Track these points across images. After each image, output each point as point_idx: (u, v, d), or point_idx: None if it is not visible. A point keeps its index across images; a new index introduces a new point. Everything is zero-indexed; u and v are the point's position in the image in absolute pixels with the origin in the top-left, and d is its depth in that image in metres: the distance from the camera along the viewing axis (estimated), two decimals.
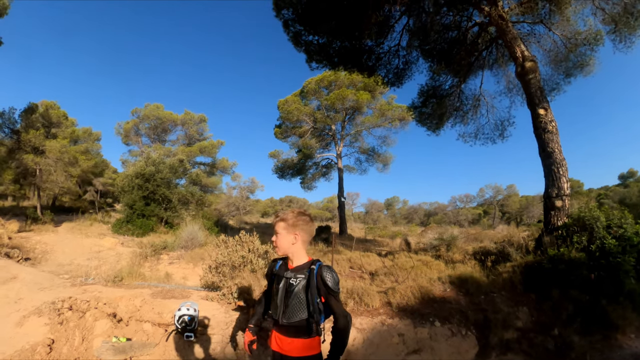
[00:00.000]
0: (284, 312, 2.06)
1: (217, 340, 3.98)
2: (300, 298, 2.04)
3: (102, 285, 5.50)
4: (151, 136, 25.08)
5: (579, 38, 9.08)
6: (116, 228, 13.05)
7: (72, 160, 16.90)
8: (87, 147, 21.07)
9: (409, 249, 12.67)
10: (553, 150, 6.62)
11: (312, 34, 9.03)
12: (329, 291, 2.02)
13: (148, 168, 14.78)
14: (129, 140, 24.80)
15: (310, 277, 2.06)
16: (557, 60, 9.66)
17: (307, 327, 2.03)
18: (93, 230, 12.33)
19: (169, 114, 24.87)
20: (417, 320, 4.65)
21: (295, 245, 2.16)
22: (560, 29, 9.06)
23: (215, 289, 5.61)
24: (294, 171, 23.32)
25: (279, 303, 2.09)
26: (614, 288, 4.99)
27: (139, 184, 14.40)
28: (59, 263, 7.86)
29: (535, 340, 4.42)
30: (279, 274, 2.18)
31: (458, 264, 7.14)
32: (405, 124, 20.54)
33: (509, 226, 23.52)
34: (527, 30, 9.44)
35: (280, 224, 2.16)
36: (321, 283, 2.02)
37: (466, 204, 43.55)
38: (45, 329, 3.74)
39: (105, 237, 11.16)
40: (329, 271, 2.05)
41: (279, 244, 2.15)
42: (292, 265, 2.16)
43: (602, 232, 5.46)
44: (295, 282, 2.07)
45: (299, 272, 2.10)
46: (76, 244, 9.93)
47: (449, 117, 11.21)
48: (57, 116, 18.46)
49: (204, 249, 10.30)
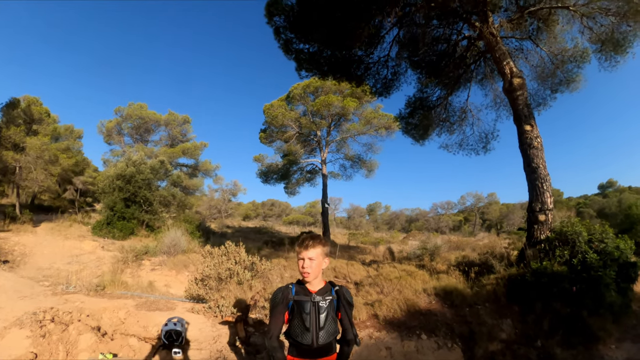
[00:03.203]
0: (318, 334, 2.13)
1: (206, 356, 3.91)
2: (331, 318, 2.18)
3: (84, 294, 5.34)
4: (134, 136, 24.51)
5: (565, 55, 9.36)
6: (96, 230, 12.69)
7: (52, 158, 16.37)
8: (68, 145, 20.44)
9: (393, 258, 12.80)
10: (538, 166, 6.80)
11: (303, 42, 9.01)
12: (350, 306, 2.27)
13: (129, 169, 14.44)
14: (111, 139, 24.17)
15: (336, 297, 2.23)
16: (544, 76, 9.94)
17: (333, 345, 2.23)
18: (73, 231, 11.95)
19: (153, 114, 24.39)
20: (404, 333, 4.70)
21: (321, 270, 2.26)
22: (548, 45, 9.34)
23: (200, 300, 5.52)
24: (278, 176, 23.14)
25: (310, 327, 2.13)
26: (595, 300, 5.15)
27: (120, 186, 14.06)
28: (38, 267, 7.59)
29: (519, 352, 4.53)
30: (301, 299, 2.18)
31: (442, 274, 7.24)
32: (391, 132, 20.65)
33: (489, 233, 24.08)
34: (515, 46, 9.68)
35: (317, 250, 2.19)
36: (346, 301, 2.23)
37: (447, 210, 44.28)
38: (28, 342, 3.60)
39: (85, 240, 10.84)
40: (347, 290, 2.29)
41: (312, 270, 2.17)
42: (314, 290, 2.21)
43: (583, 247, 5.64)
44: (325, 304, 2.17)
45: (325, 295, 2.21)
46: (56, 246, 9.61)
47: (434, 128, 11.37)
48: (39, 113, 17.87)
49: (187, 256, 10.12)
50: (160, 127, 25.34)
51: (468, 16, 8.34)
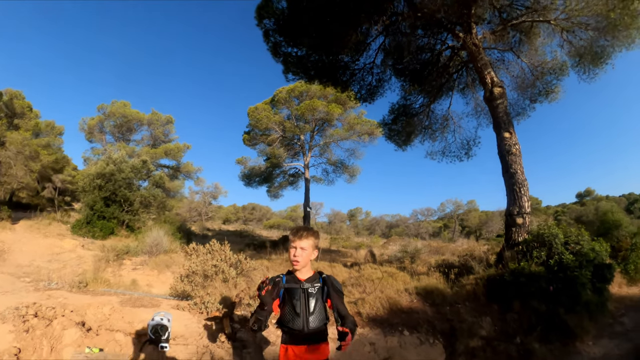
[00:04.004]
0: (308, 319, 2.24)
1: (192, 351, 3.94)
2: (320, 304, 2.30)
3: (66, 290, 5.26)
4: (115, 134, 24.03)
5: (545, 67, 9.82)
6: (76, 229, 12.39)
7: (33, 154, 15.88)
8: (48, 142, 19.83)
9: (374, 260, 12.98)
10: (516, 171, 7.12)
11: (291, 46, 9.18)
12: (339, 294, 2.36)
13: (109, 167, 14.17)
14: (92, 137, 23.62)
15: (323, 285, 2.34)
16: (523, 87, 10.38)
17: (325, 331, 2.33)
18: (52, 230, 11.64)
19: (136, 113, 23.99)
20: (386, 330, 4.84)
21: (309, 261, 2.38)
22: (529, 57, 9.77)
23: (185, 297, 5.51)
24: (260, 179, 23.15)
25: (301, 312, 2.25)
26: (571, 299, 5.41)
27: (100, 184, 13.78)
28: (17, 264, 7.39)
29: (499, 348, 4.73)
30: (292, 287, 2.30)
31: (423, 275, 7.43)
32: (374, 138, 20.98)
33: (468, 240, 24.62)
34: (497, 57, 10.10)
35: (309, 241, 2.33)
36: (333, 288, 2.34)
37: (427, 217, 44.72)
38: (10, 336, 3.55)
39: (65, 238, 10.59)
40: (334, 278, 2.40)
41: (302, 259, 2.31)
42: (303, 278, 2.34)
43: (560, 248, 5.92)
44: (314, 291, 2.30)
45: (314, 282, 2.33)
46: (35, 244, 9.36)
47: (417, 134, 11.70)
48: (21, 107, 17.39)
49: (169, 256, 10.01)
50: (143, 126, 24.96)
51: (452, 27, 8.67)
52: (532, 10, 8.50)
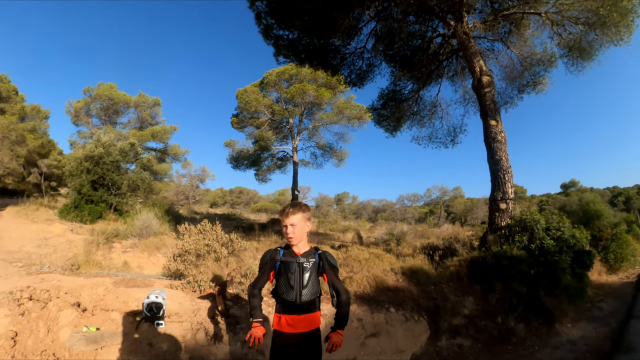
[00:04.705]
0: (301, 292, 2.37)
1: (187, 327, 4.07)
2: (313, 278, 2.42)
3: (59, 273, 5.29)
4: (102, 117, 23.58)
5: (534, 58, 9.98)
6: (64, 214, 12.26)
7: (19, 138, 15.53)
8: (34, 126, 19.41)
9: (361, 242, 13.27)
10: (500, 158, 7.34)
11: (283, 29, 9.13)
12: (334, 269, 2.49)
13: (97, 150, 13.97)
14: (78, 120, 23.12)
15: (319, 260, 2.46)
16: (512, 77, 10.55)
17: (316, 303, 2.47)
18: (40, 215, 11.50)
19: (123, 95, 23.52)
20: (373, 307, 5.04)
21: (305, 234, 2.48)
22: (518, 48, 9.90)
23: (178, 277, 5.62)
24: (249, 162, 23.10)
25: (294, 285, 2.37)
26: (552, 283, 5.70)
27: (88, 168, 13.60)
28: (7, 250, 7.34)
29: (481, 326, 4.99)
30: (287, 260, 2.43)
31: (408, 257, 7.68)
32: (363, 123, 21.06)
33: (454, 225, 25.13)
34: (487, 46, 10.22)
35: (298, 215, 2.41)
36: (328, 263, 2.46)
37: (413, 202, 45.37)
38: (6, 320, 3.60)
39: (53, 223, 10.50)
40: (330, 254, 2.51)
41: (295, 234, 2.40)
42: (300, 252, 2.45)
43: (541, 234, 6.18)
44: (309, 265, 2.41)
45: (309, 257, 2.45)
46: (24, 229, 9.26)
47: (406, 120, 11.83)
48: (7, 90, 16.91)
49: (159, 238, 10.06)
50: (130, 108, 24.54)
51: (444, 15, 8.72)
52: (524, 2, 8.58)
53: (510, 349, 4.78)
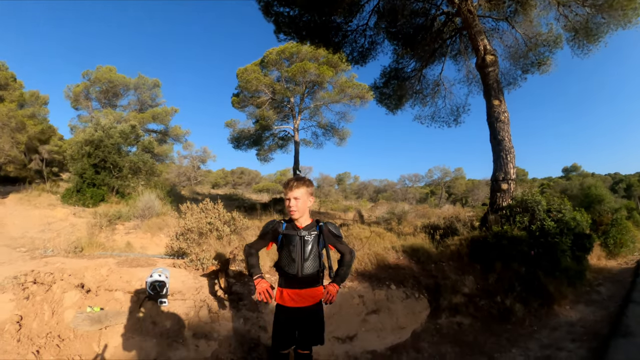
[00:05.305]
0: (303, 265, 2.38)
1: (190, 305, 4.12)
2: (315, 251, 2.42)
3: (62, 256, 5.36)
4: (102, 100, 23.41)
5: (539, 39, 9.73)
6: (66, 198, 12.32)
7: (19, 125, 15.44)
8: (34, 112, 19.30)
9: (362, 221, 13.34)
10: (503, 138, 7.26)
11: (283, 5, 8.93)
12: (337, 238, 2.52)
13: (97, 133, 13.92)
14: (78, 104, 22.97)
15: (320, 232, 2.45)
16: (516, 57, 10.33)
17: (318, 277, 2.47)
18: (42, 200, 11.57)
19: (122, 77, 23.28)
20: (374, 284, 5.08)
21: (307, 209, 2.48)
22: (523, 28, 9.66)
23: (180, 256, 5.68)
24: (250, 142, 22.93)
25: (296, 258, 2.39)
26: (551, 264, 5.70)
27: (89, 151, 13.58)
28: (11, 236, 7.39)
29: (480, 304, 5.04)
30: (289, 233, 2.43)
31: (409, 236, 7.70)
32: (365, 102, 20.80)
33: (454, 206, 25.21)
34: (492, 26, 9.96)
35: (302, 189, 2.42)
36: (330, 234, 2.48)
37: (415, 183, 45.21)
38: (11, 305, 3.64)
39: (56, 208, 10.56)
40: (331, 224, 2.54)
41: (298, 207, 2.40)
42: (302, 225, 2.46)
43: (542, 215, 6.16)
44: (310, 238, 2.42)
45: (311, 230, 2.45)
46: (27, 215, 9.33)
47: (408, 99, 11.67)
48: (5, 77, 16.72)
49: (162, 218, 10.12)
50: (130, 91, 24.35)
51: None
52: None
53: (509, 328, 4.82)
